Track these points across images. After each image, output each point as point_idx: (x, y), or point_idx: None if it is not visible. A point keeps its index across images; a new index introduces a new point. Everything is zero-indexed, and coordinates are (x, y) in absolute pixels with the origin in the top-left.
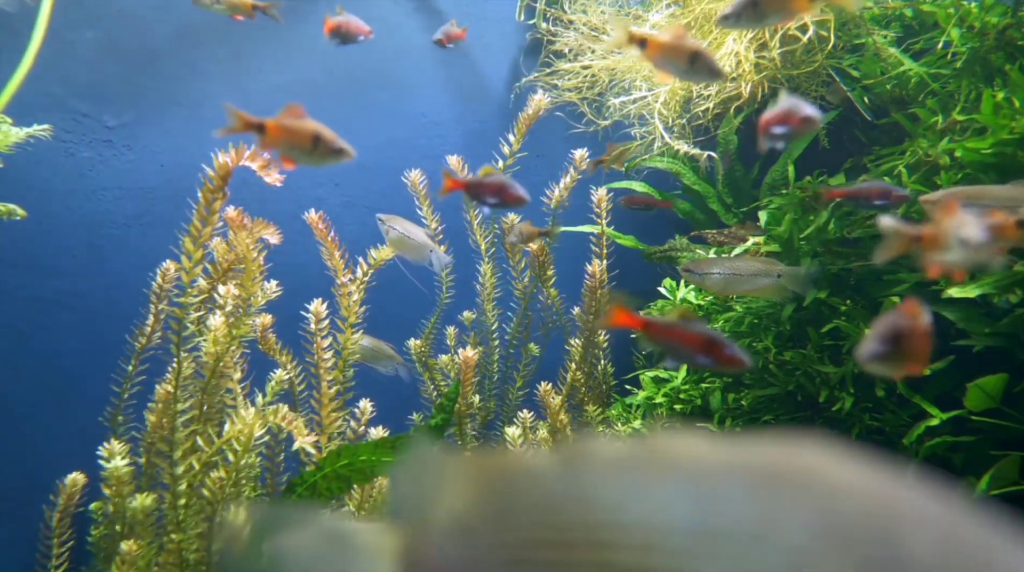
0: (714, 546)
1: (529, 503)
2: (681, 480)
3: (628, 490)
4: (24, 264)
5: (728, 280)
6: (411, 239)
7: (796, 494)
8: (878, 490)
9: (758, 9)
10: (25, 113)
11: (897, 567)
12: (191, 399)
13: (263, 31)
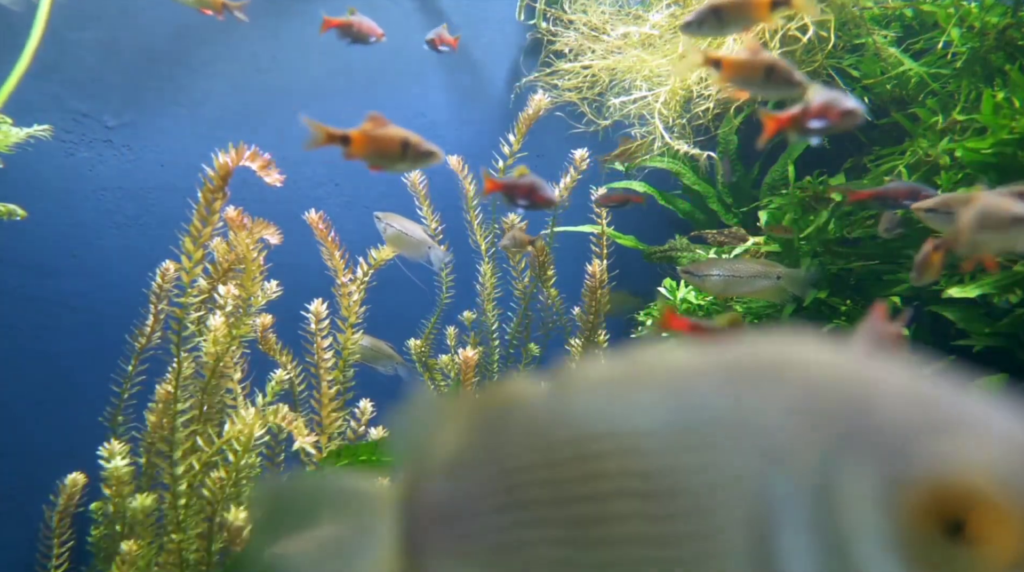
0: (693, 439)
1: (519, 431)
2: (661, 384)
3: (611, 402)
4: (24, 264)
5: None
6: (408, 236)
7: (771, 381)
8: (851, 368)
9: (720, 17)
10: (25, 113)
11: (872, 434)
12: (191, 399)
13: (263, 31)
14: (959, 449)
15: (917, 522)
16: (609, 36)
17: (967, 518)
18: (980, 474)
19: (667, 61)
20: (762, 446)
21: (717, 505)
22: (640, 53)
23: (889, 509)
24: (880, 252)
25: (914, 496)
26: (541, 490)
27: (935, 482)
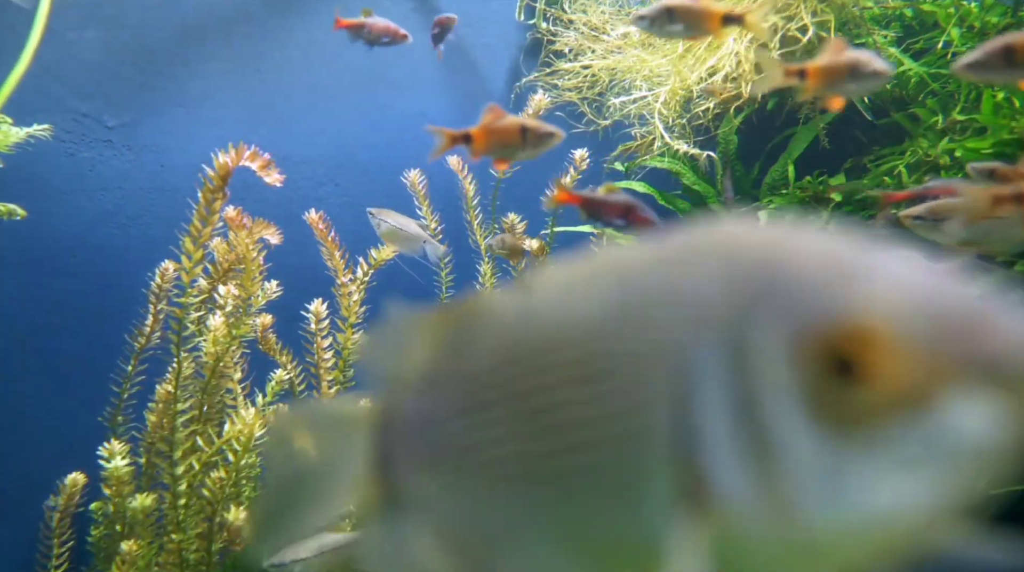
0: (626, 320)
1: (481, 337)
2: (604, 275)
3: (561, 298)
4: (24, 264)
5: None
6: (403, 231)
7: (697, 256)
8: (770, 236)
9: (672, 18)
10: (25, 113)
11: (781, 292)
12: (191, 399)
13: (263, 31)
14: (855, 295)
15: (816, 368)
16: (609, 36)
17: (861, 358)
18: (871, 315)
19: (667, 61)
20: (685, 316)
21: (646, 378)
22: (640, 53)
23: (791, 359)
24: None
25: (812, 342)
26: (499, 390)
27: (830, 326)
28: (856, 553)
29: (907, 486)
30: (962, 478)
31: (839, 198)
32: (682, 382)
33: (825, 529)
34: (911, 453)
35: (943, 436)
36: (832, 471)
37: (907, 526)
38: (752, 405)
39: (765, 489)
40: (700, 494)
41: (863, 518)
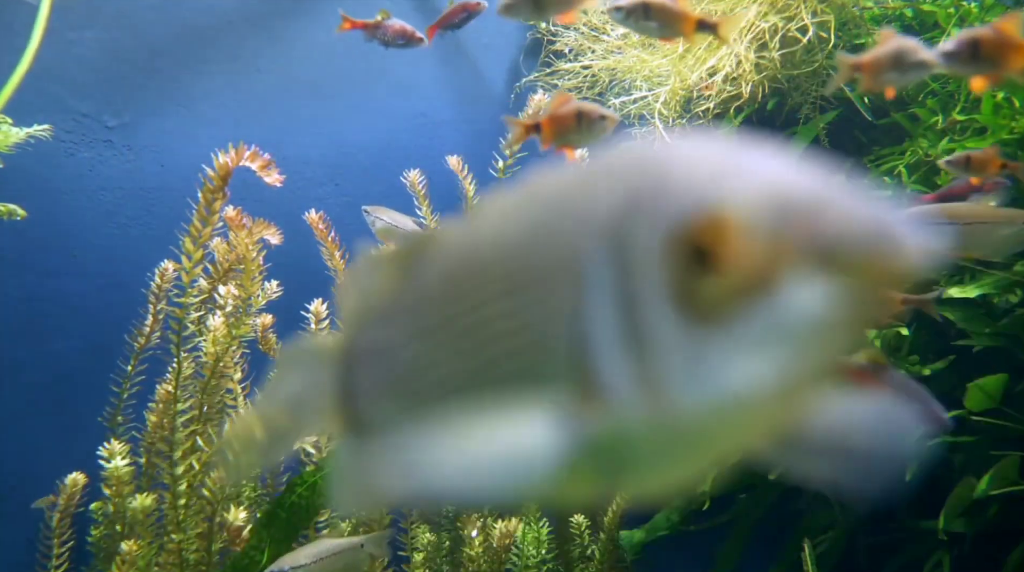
0: (543, 234)
1: (429, 272)
2: (532, 200)
3: (498, 221)
4: (24, 264)
5: None
6: (399, 229)
7: (607, 172)
8: (668, 148)
9: (648, 14)
10: (25, 113)
11: (658, 195)
12: (191, 399)
13: (263, 31)
14: (713, 191)
15: (678, 260)
16: (609, 36)
17: (714, 248)
18: (723, 207)
19: (667, 61)
20: (580, 228)
21: (551, 289)
22: (640, 53)
23: (659, 255)
24: None
25: (674, 237)
26: (441, 314)
27: (689, 220)
28: (725, 438)
29: (758, 365)
30: (806, 355)
31: None
32: (577, 289)
33: (693, 412)
34: (759, 334)
35: (786, 317)
36: (694, 356)
37: (763, 404)
38: (631, 302)
39: (642, 380)
40: (592, 394)
41: (723, 399)
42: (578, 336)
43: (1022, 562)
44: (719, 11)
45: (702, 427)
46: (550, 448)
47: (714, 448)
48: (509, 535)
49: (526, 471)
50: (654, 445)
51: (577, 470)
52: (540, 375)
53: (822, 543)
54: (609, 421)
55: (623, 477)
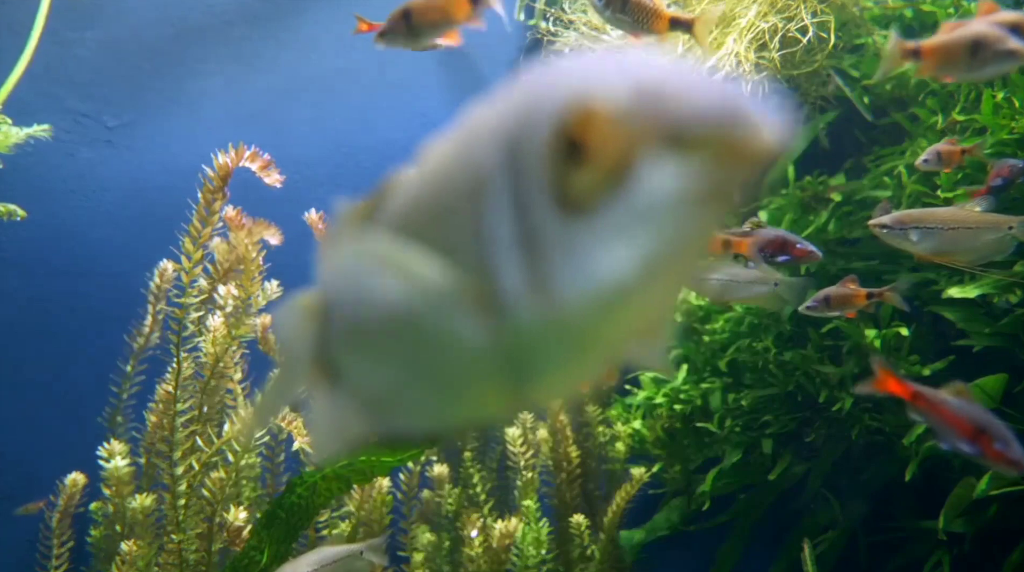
0: (463, 159)
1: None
2: (462, 129)
3: (436, 160)
4: (24, 264)
5: (725, 286)
6: None
7: (521, 90)
8: (560, 61)
9: (624, 8)
10: (25, 113)
11: (546, 100)
12: (191, 399)
13: (263, 31)
14: (585, 85)
15: (555, 156)
16: (609, 36)
17: (582, 139)
18: (589, 99)
19: None
20: (490, 146)
21: (468, 206)
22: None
23: (542, 155)
24: (880, 252)
25: (550, 133)
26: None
27: (562, 115)
28: (612, 329)
29: (626, 251)
30: (667, 236)
31: (839, 198)
32: (483, 201)
33: (577, 306)
34: (624, 220)
35: (645, 200)
36: (572, 250)
37: (636, 290)
38: (523, 206)
39: (533, 280)
40: (496, 300)
41: (600, 288)
42: (484, 245)
43: (1022, 562)
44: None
45: (588, 320)
46: (470, 357)
47: (605, 341)
48: (509, 535)
49: (454, 382)
50: (552, 344)
51: (492, 377)
52: (463, 290)
53: (822, 543)
54: (512, 324)
55: (532, 381)
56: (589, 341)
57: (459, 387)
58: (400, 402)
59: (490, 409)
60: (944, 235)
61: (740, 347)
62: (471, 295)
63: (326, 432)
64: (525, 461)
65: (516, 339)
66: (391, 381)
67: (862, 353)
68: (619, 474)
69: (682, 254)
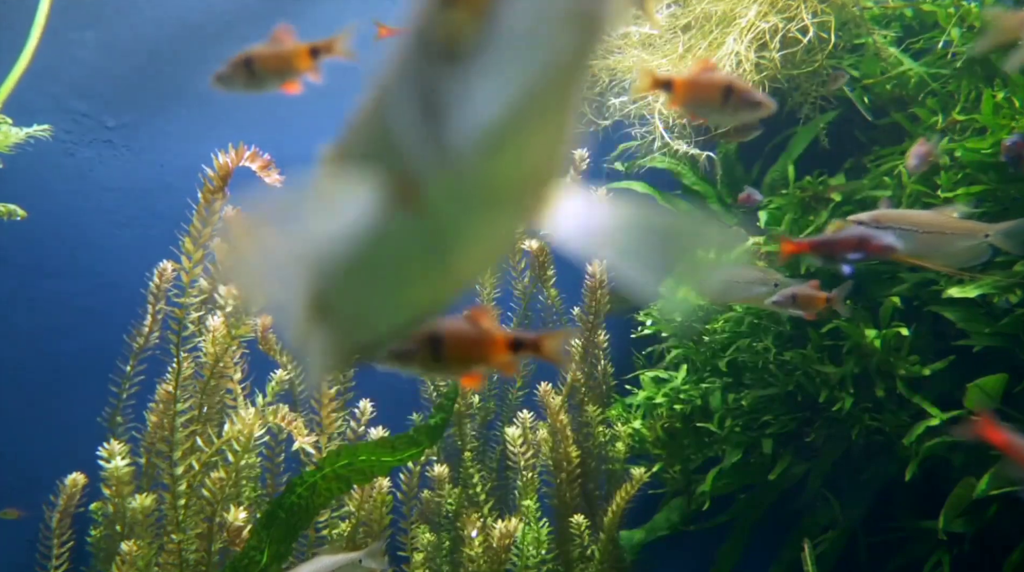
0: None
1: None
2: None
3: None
4: (24, 264)
5: (725, 287)
6: None
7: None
8: None
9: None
10: (25, 113)
11: None
12: (191, 399)
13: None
14: None
15: (436, 8)
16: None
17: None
18: None
19: (667, 61)
20: (405, 31)
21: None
22: (640, 53)
23: (427, 10)
24: None
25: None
26: None
27: None
28: (504, 175)
29: (504, 86)
30: (538, 65)
31: (839, 198)
32: (395, 80)
33: (471, 151)
34: (497, 57)
35: (510, 31)
36: (460, 98)
37: (522, 126)
38: (419, 69)
39: (433, 139)
40: (408, 178)
41: (488, 129)
42: (393, 132)
43: (1022, 562)
44: (719, 11)
45: (484, 166)
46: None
47: (504, 191)
48: (509, 535)
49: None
50: (460, 203)
51: (424, 258)
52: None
53: (822, 543)
54: (424, 194)
55: (455, 251)
56: (489, 191)
57: (404, 279)
58: (366, 314)
59: (433, 294)
60: (920, 238)
61: (740, 347)
62: (392, 184)
63: (320, 364)
64: (525, 461)
65: (432, 210)
66: (357, 297)
67: (862, 353)
68: (619, 474)
69: (557, 82)
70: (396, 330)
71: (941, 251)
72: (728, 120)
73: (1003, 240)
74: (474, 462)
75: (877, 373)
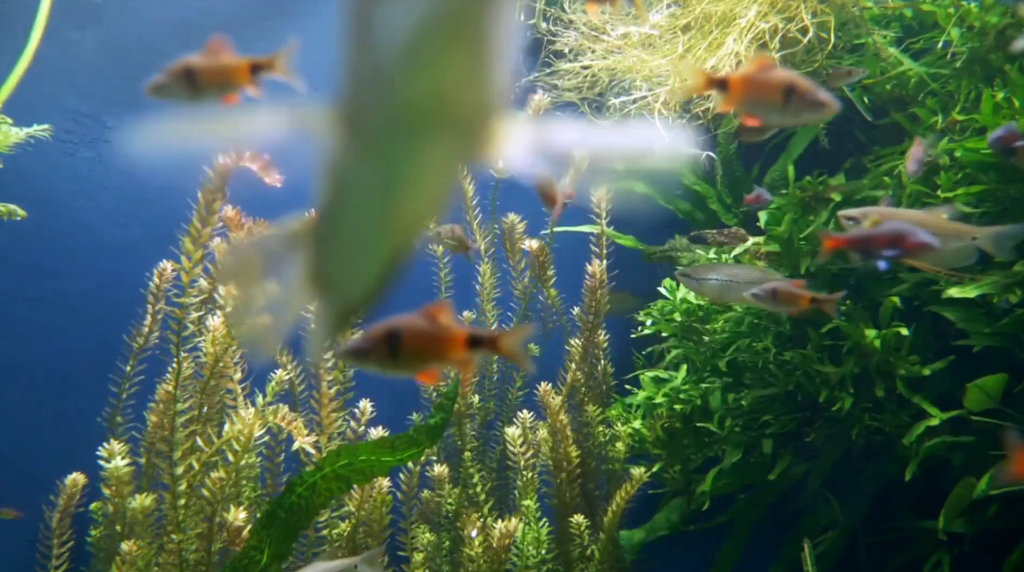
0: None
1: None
2: None
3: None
4: (24, 264)
5: (724, 287)
6: None
7: None
8: None
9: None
10: (25, 113)
11: None
12: (191, 399)
13: (263, 32)
14: None
15: None
16: (609, 36)
17: None
18: None
19: (667, 61)
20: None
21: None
22: (640, 53)
23: None
24: None
25: None
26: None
27: None
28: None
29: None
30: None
31: (839, 198)
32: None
33: (396, 71)
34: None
35: None
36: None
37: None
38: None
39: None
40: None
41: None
42: (344, 70)
43: (1022, 562)
44: (719, 11)
45: (412, 91)
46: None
47: (439, 119)
48: (509, 535)
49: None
50: (398, 132)
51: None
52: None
53: (822, 543)
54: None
55: (400, 186)
56: (421, 115)
57: (368, 225)
58: (344, 270)
59: (393, 240)
60: None
61: (740, 347)
62: (342, 117)
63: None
64: (525, 461)
65: (376, 141)
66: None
67: (862, 353)
68: (619, 474)
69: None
70: (373, 287)
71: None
72: (789, 121)
73: (990, 244)
74: (474, 462)
75: (877, 373)
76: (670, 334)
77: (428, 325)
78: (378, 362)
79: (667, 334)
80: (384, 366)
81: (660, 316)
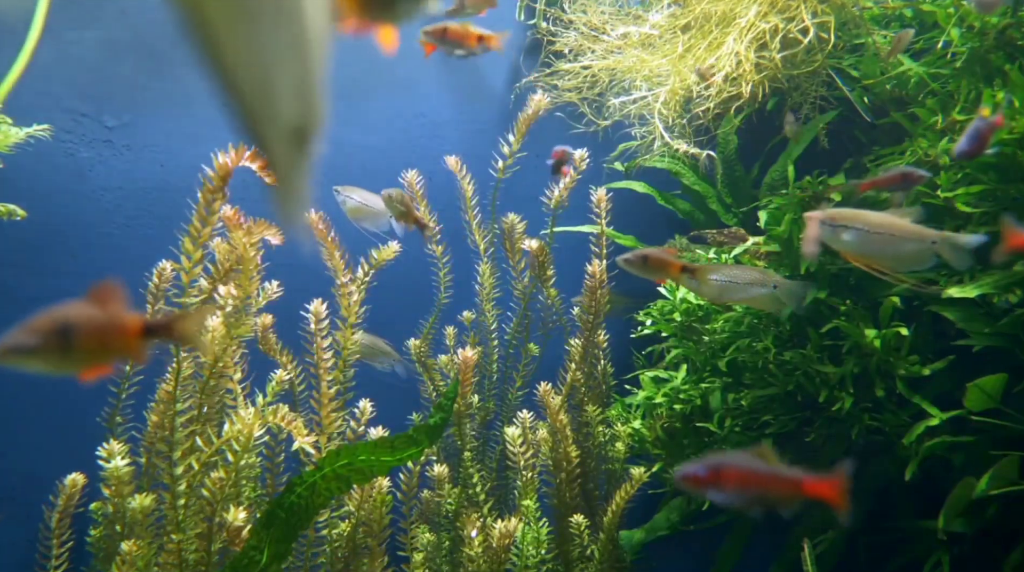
0: None
1: None
2: None
3: None
4: (24, 264)
5: (724, 287)
6: (368, 207)
7: None
8: None
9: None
10: (25, 113)
11: None
12: (191, 399)
13: None
14: None
15: None
16: (609, 36)
17: None
18: None
19: (667, 61)
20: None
21: None
22: (640, 53)
23: None
24: None
25: None
26: None
27: None
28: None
29: None
30: None
31: (839, 198)
32: None
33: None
34: None
35: None
36: None
37: None
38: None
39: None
40: None
41: None
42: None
43: (1022, 562)
44: (719, 11)
45: None
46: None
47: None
48: (509, 535)
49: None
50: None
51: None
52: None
53: (822, 543)
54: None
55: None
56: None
57: (277, 43)
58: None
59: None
60: (869, 238)
61: (740, 347)
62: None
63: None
64: (525, 461)
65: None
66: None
67: (862, 353)
68: (619, 474)
69: None
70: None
71: (888, 253)
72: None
73: (948, 250)
74: (474, 462)
75: (877, 373)
76: (670, 334)
77: (100, 314)
78: (45, 360)
79: (667, 334)
80: (54, 363)
81: (660, 316)
